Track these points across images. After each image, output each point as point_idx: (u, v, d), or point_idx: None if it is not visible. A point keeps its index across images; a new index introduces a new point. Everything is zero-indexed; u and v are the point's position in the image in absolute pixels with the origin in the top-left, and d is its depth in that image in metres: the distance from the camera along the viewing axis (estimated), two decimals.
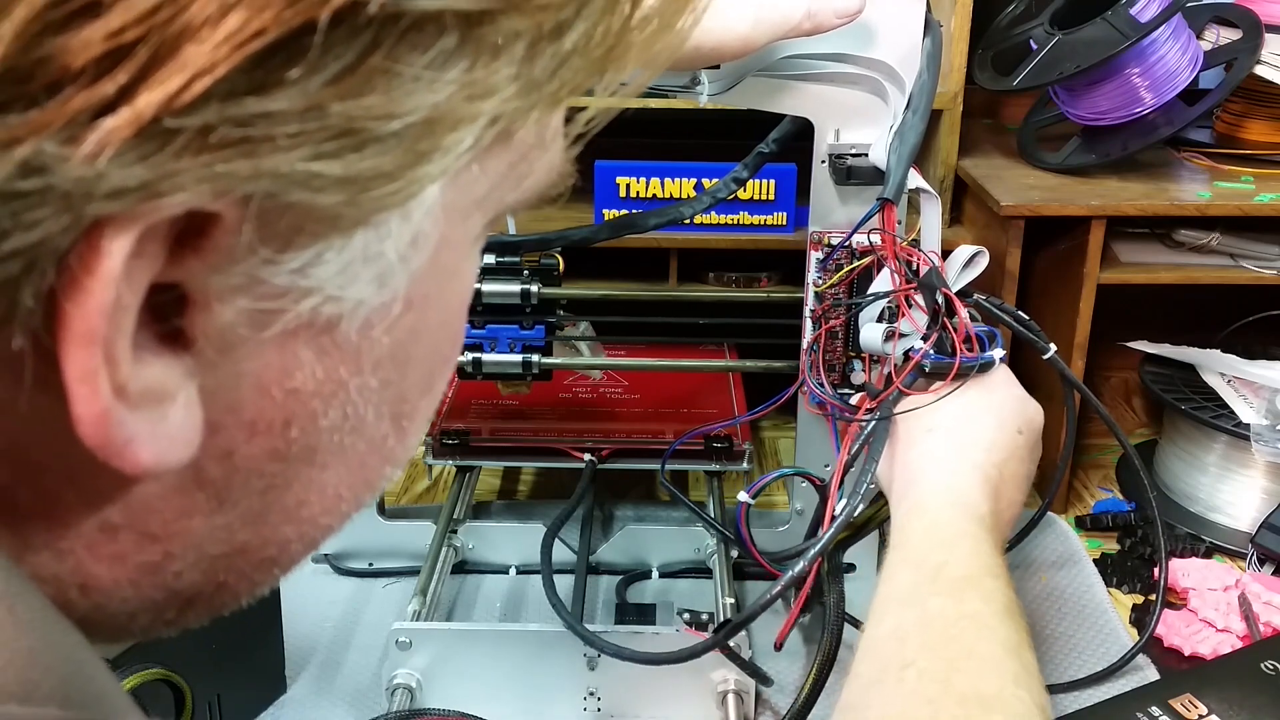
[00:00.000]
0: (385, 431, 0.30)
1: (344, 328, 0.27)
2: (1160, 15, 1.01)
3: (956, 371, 0.68)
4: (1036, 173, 1.10)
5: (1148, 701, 0.78)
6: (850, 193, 0.81)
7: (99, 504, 0.26)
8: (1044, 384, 1.03)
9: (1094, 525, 1.06)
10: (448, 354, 0.32)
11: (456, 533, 0.96)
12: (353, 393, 0.28)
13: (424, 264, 0.27)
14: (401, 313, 0.28)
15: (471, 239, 0.30)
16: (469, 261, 0.31)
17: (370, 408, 0.29)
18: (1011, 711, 0.53)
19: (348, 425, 0.28)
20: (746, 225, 1.10)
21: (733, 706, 0.78)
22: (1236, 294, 1.11)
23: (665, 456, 0.93)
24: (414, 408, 0.31)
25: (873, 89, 0.79)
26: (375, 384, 0.28)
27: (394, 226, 0.26)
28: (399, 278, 0.27)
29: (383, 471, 0.31)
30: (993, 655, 0.56)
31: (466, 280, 0.31)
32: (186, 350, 0.24)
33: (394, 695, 0.79)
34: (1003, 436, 0.67)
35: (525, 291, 0.90)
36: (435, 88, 0.23)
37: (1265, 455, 0.99)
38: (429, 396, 0.32)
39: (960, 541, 0.62)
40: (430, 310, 0.29)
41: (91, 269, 0.21)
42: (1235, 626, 0.89)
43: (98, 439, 0.23)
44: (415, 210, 0.26)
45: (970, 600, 0.58)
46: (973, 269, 0.75)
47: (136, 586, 0.28)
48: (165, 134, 0.21)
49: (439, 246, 0.28)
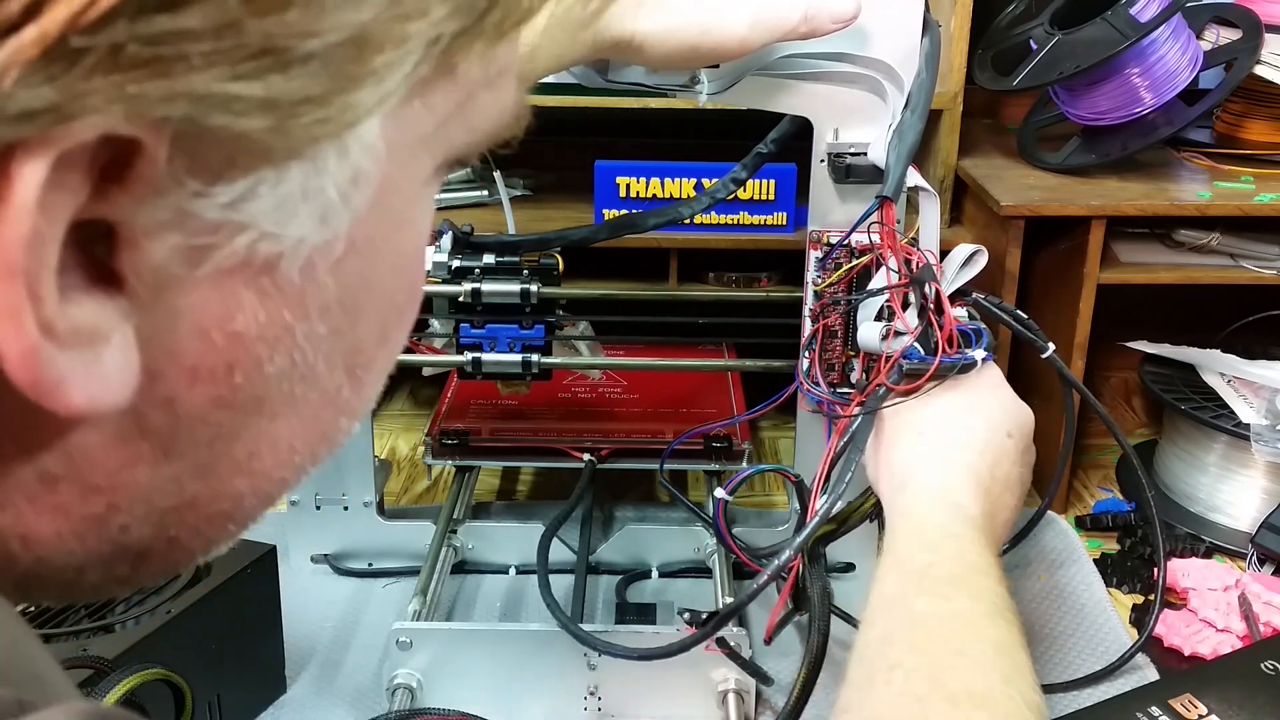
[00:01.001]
0: (339, 382, 0.29)
1: (285, 268, 0.26)
2: (1160, 15, 1.01)
3: (934, 371, 0.67)
4: (1036, 173, 1.10)
5: (1148, 701, 0.78)
6: (849, 191, 0.81)
7: (36, 453, 0.26)
8: (1043, 384, 1.03)
9: (1094, 525, 1.06)
10: (402, 305, 0.31)
11: (456, 533, 0.96)
12: (299, 338, 0.27)
13: (367, 204, 0.26)
14: (345, 254, 0.27)
15: (420, 182, 0.29)
16: (420, 208, 0.30)
17: (320, 356, 0.28)
18: (1001, 709, 0.52)
19: (297, 374, 0.28)
20: (746, 225, 1.10)
21: (733, 705, 0.78)
22: (1236, 294, 1.11)
23: (664, 456, 0.93)
24: (369, 359, 0.30)
25: (872, 88, 0.79)
26: (324, 331, 0.28)
27: (332, 162, 0.25)
28: (340, 216, 0.26)
29: (338, 424, 0.30)
30: (982, 654, 0.56)
31: (419, 228, 0.30)
32: (119, 290, 0.24)
33: (394, 695, 0.79)
34: (993, 439, 0.67)
35: (525, 291, 0.90)
36: (360, 6, 0.23)
37: (1265, 455, 0.99)
38: (385, 348, 0.31)
39: (947, 542, 0.61)
40: (379, 256, 0.28)
41: (4, 197, 0.21)
42: (1235, 626, 0.89)
43: (26, 378, 0.22)
44: (353, 145, 0.25)
45: (958, 599, 0.58)
46: (971, 268, 0.75)
47: (82, 540, 0.27)
48: (73, 54, 0.20)
49: (384, 188, 0.27)
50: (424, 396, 1.30)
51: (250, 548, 0.79)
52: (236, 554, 0.78)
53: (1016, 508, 0.68)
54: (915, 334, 0.69)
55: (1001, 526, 0.66)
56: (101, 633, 0.70)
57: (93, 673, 0.65)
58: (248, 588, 0.78)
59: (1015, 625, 0.58)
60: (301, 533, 0.96)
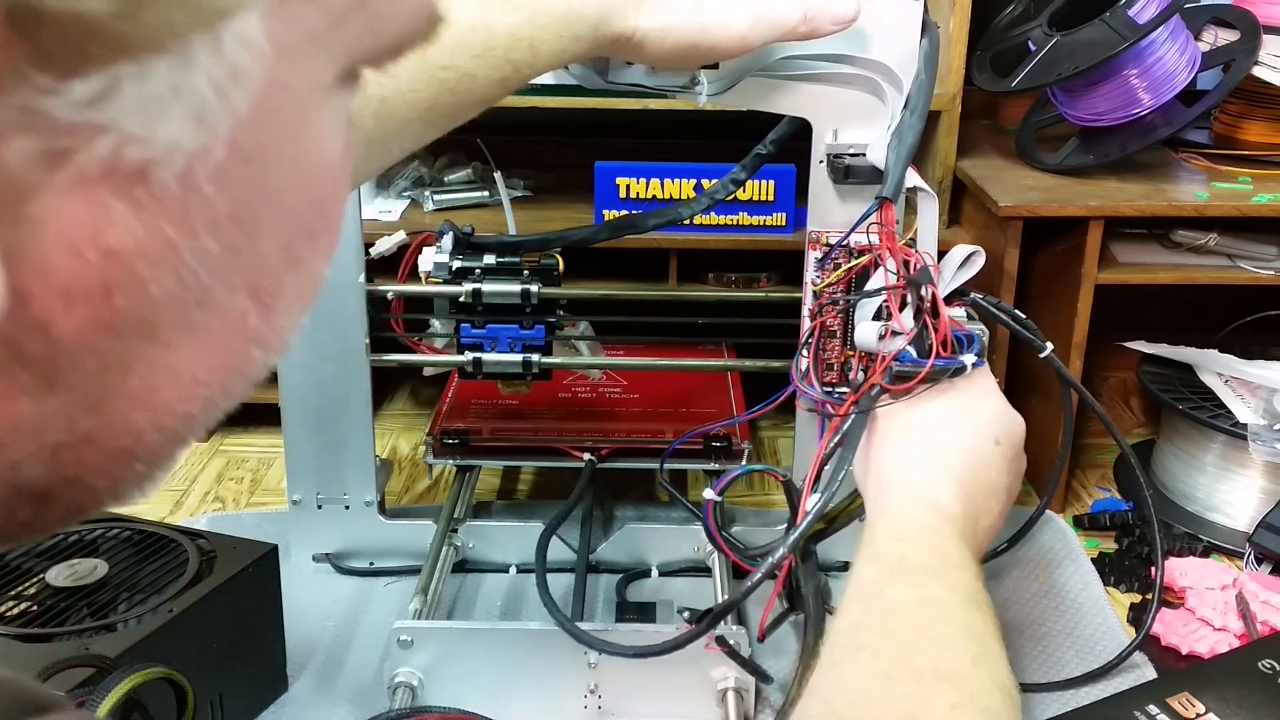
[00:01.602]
0: (243, 307, 0.27)
1: (160, 176, 0.24)
2: (1158, 16, 1.01)
3: (924, 375, 0.68)
4: (1035, 173, 1.11)
5: (1145, 700, 0.79)
6: (849, 192, 0.82)
7: None
8: (1041, 383, 1.04)
9: (1092, 524, 1.06)
10: (313, 225, 0.28)
11: (457, 532, 0.97)
12: (187, 256, 0.25)
13: (251, 105, 0.24)
14: (229, 160, 0.25)
15: (320, 88, 0.27)
16: (322, 116, 0.27)
17: (216, 278, 0.26)
18: (967, 687, 0.53)
19: (190, 297, 0.25)
20: (746, 226, 1.11)
21: (733, 704, 0.79)
22: (1234, 294, 1.11)
23: (664, 456, 0.94)
24: (277, 283, 0.28)
25: (871, 89, 0.79)
26: (216, 248, 0.25)
27: (203, 57, 0.23)
28: (219, 117, 0.24)
29: (249, 355, 0.28)
30: (952, 638, 0.56)
31: (324, 140, 0.28)
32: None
33: (395, 694, 0.79)
34: (979, 445, 0.67)
35: (525, 291, 0.90)
36: None
37: (1262, 455, 0.99)
38: (296, 273, 0.28)
39: (924, 535, 0.62)
40: (275, 166, 0.26)
41: None
42: (1233, 625, 0.89)
43: None
44: (228, 39, 0.23)
45: (931, 587, 0.59)
46: (969, 269, 0.75)
47: None
48: None
49: (272, 89, 0.25)
50: (425, 396, 1.30)
51: (252, 547, 0.80)
52: (238, 553, 0.79)
53: (1001, 514, 0.68)
54: (910, 336, 0.69)
55: (983, 532, 0.66)
56: (103, 631, 0.70)
57: (94, 672, 0.65)
58: (249, 587, 0.79)
59: (989, 616, 0.58)
60: (303, 532, 0.96)
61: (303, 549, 0.96)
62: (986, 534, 0.67)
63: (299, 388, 0.92)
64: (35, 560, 0.76)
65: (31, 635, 0.70)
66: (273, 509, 1.07)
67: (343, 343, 0.90)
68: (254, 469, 1.17)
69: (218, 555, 0.78)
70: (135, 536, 0.80)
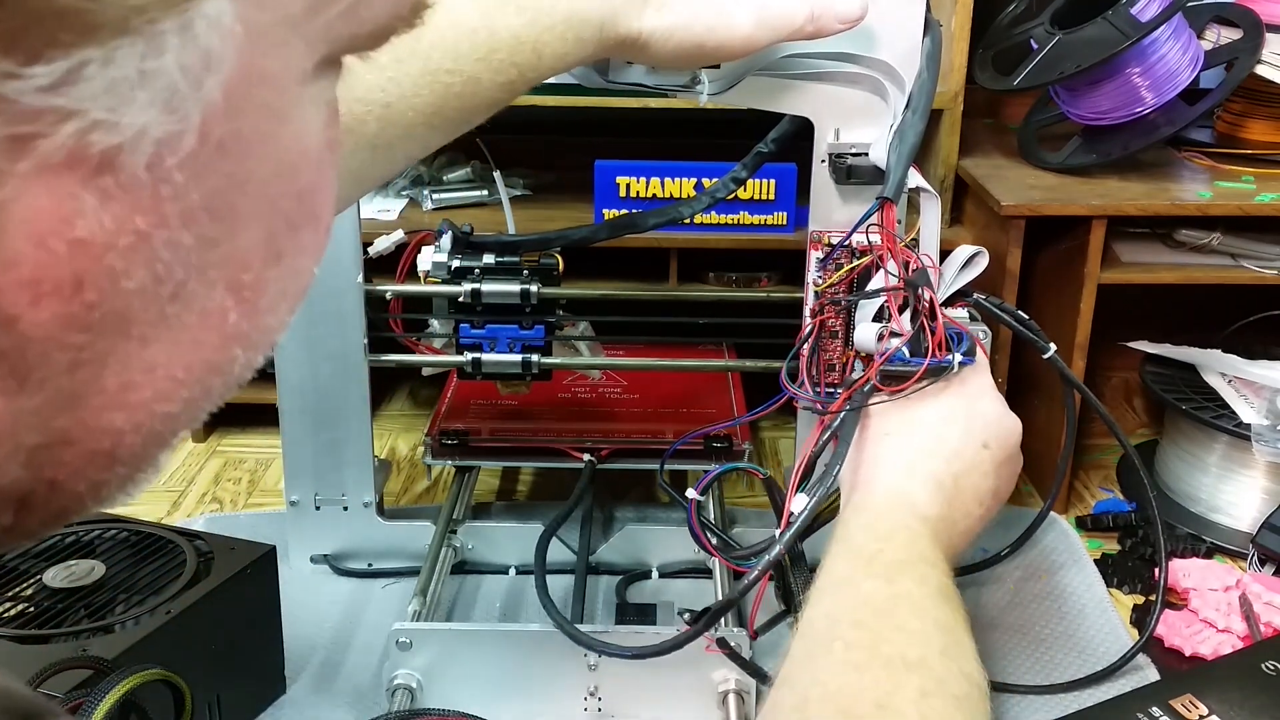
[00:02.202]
0: (222, 304, 0.26)
1: (129, 163, 0.23)
2: (1161, 15, 1.01)
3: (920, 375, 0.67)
4: (1037, 172, 1.10)
5: (1148, 702, 0.78)
6: (850, 192, 0.81)
7: None
8: (1044, 384, 1.03)
9: (1095, 525, 1.05)
10: (294, 217, 0.27)
11: (456, 533, 0.96)
12: (159, 248, 0.24)
13: (224, 91, 0.24)
14: (201, 148, 0.24)
15: (298, 76, 0.26)
16: (302, 105, 0.26)
17: (191, 271, 0.25)
18: (935, 676, 0.54)
19: (165, 291, 0.24)
20: (746, 225, 1.10)
21: (733, 706, 0.78)
22: (1237, 294, 1.11)
23: (665, 457, 0.93)
24: (258, 278, 0.27)
25: (873, 88, 0.79)
26: (190, 240, 0.24)
27: (172, 40, 0.22)
28: (190, 103, 0.23)
29: (230, 353, 0.27)
30: (923, 630, 0.57)
31: (304, 130, 0.27)
32: None
33: (394, 695, 0.79)
34: (966, 448, 0.67)
35: (525, 291, 0.90)
36: None
37: (1266, 455, 0.99)
38: (279, 268, 0.27)
39: (898, 533, 0.63)
40: (252, 156, 0.25)
41: None
42: (1236, 627, 0.89)
43: None
44: (199, 23, 0.23)
45: (902, 582, 0.59)
46: (972, 269, 0.75)
47: None
48: None
49: (247, 75, 0.24)
50: (424, 397, 1.30)
51: (250, 548, 0.79)
52: (236, 554, 0.78)
53: (983, 518, 0.68)
54: (906, 337, 0.69)
55: (960, 535, 0.66)
56: (101, 633, 0.70)
57: (92, 673, 0.65)
58: (247, 588, 0.78)
59: (959, 611, 0.59)
60: (301, 533, 0.96)
61: (301, 550, 0.96)
62: (964, 536, 0.67)
63: (297, 388, 0.91)
64: (32, 561, 0.76)
65: (28, 637, 0.70)
66: (271, 510, 1.07)
67: (341, 342, 0.90)
68: (252, 469, 1.16)
69: (215, 556, 0.78)
70: (132, 537, 0.79)
